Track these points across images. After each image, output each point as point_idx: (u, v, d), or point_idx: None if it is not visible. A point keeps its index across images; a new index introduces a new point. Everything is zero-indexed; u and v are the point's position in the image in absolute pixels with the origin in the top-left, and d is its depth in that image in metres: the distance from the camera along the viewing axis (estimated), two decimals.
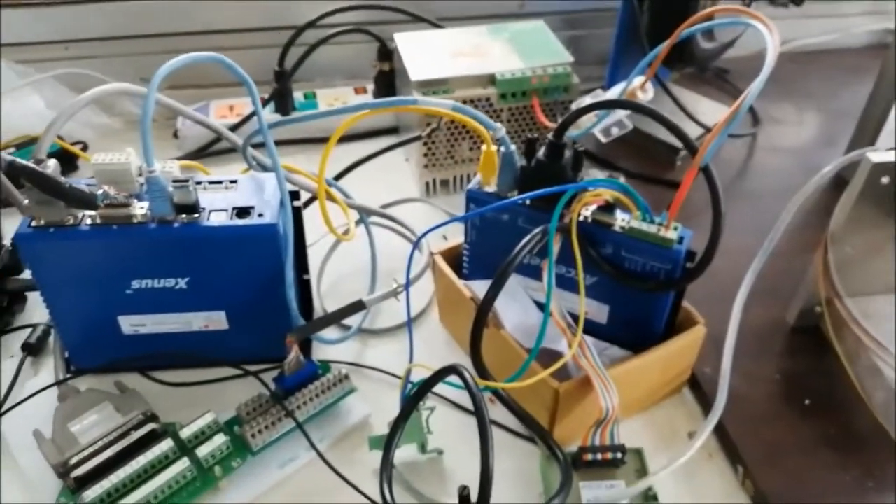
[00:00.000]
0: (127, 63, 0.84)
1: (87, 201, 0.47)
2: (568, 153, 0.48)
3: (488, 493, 0.38)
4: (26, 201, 0.48)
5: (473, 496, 0.39)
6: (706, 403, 0.54)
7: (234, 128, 0.75)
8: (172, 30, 0.85)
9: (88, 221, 0.48)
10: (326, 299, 0.64)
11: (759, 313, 0.55)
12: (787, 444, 0.51)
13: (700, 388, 0.55)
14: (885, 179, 0.50)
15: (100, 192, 0.47)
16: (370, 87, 0.86)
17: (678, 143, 0.78)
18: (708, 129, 0.76)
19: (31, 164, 0.46)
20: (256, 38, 0.85)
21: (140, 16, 0.85)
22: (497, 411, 0.50)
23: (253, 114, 0.78)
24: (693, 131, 0.72)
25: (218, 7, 0.86)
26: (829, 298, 0.54)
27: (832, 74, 0.95)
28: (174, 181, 0.48)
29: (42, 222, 0.48)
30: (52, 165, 0.47)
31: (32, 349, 0.58)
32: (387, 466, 0.44)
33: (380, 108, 0.50)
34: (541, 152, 0.48)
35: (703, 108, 0.82)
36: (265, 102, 0.80)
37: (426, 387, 0.45)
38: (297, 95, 0.83)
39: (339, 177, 0.69)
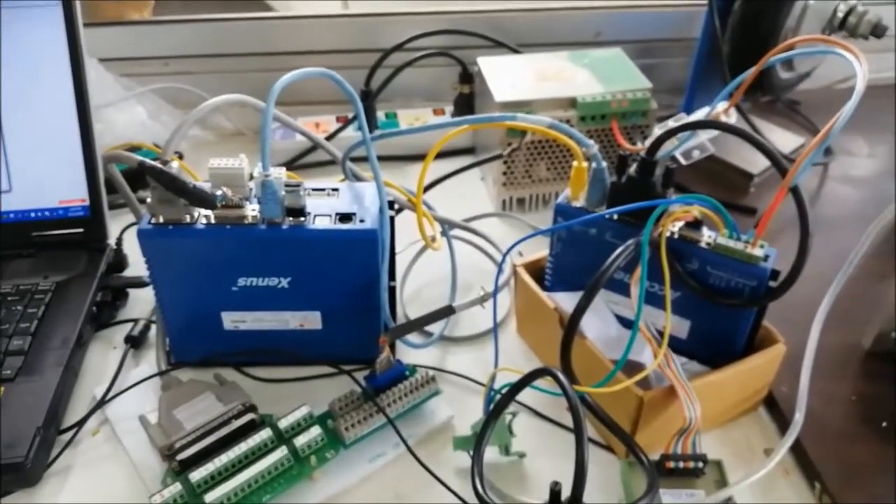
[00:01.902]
0: (220, 79, 0.89)
1: (208, 201, 0.50)
2: (658, 171, 0.50)
3: (581, 489, 0.40)
4: (148, 199, 0.51)
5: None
6: (782, 422, 0.55)
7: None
8: (264, 49, 0.90)
9: (204, 221, 0.52)
10: (408, 305, 0.66)
11: (834, 337, 0.56)
12: (865, 463, 0.52)
13: (776, 406, 0.56)
14: None
15: (218, 193, 0.51)
16: (448, 108, 0.89)
17: (752, 170, 0.79)
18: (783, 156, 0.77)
19: (159, 164, 0.49)
20: (343, 59, 0.89)
21: (234, 36, 0.90)
22: (569, 420, 0.51)
23: (340, 129, 0.82)
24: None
25: (307, 29, 0.91)
26: None
27: None
28: (286, 185, 0.51)
29: (161, 220, 0.52)
30: (175, 167, 0.50)
31: (135, 342, 0.62)
32: (479, 461, 0.46)
33: (480, 123, 0.53)
34: (632, 169, 0.51)
35: (775, 137, 0.83)
36: (350, 121, 0.83)
37: (519, 386, 0.46)
38: (379, 115, 0.87)
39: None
